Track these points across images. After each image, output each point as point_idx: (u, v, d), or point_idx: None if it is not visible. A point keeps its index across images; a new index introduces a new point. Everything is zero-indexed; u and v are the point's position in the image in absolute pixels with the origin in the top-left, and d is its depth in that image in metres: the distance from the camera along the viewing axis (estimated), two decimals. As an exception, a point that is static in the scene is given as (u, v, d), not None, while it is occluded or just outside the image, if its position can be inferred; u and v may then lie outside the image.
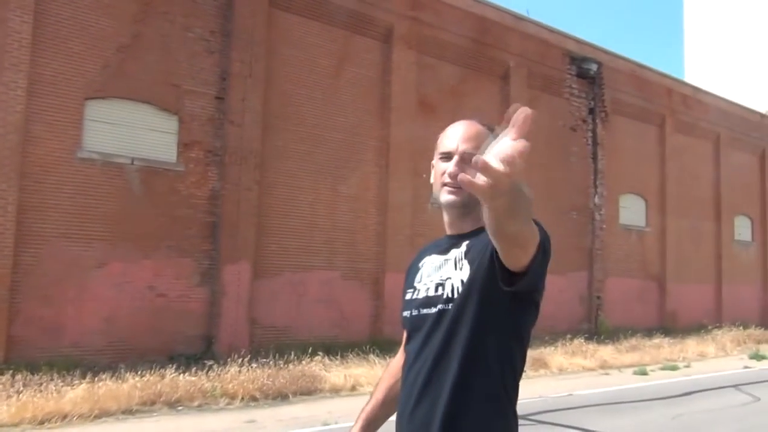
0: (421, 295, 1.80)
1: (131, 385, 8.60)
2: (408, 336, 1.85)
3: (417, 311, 1.80)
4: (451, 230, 1.86)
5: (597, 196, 19.41)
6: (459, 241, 1.79)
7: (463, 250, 1.74)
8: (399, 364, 2.03)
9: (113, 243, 11.23)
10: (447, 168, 1.79)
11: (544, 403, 9.15)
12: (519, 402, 1.73)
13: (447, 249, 1.81)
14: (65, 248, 10.78)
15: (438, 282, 1.77)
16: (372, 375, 10.30)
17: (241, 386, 9.17)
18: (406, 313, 1.85)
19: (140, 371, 9.28)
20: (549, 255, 1.56)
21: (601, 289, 19.28)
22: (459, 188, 1.76)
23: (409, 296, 1.86)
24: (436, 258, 1.84)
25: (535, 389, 10.18)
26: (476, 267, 1.67)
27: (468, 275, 1.69)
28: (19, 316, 10.33)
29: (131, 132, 11.67)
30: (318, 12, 14.13)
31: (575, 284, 18.51)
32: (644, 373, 13.01)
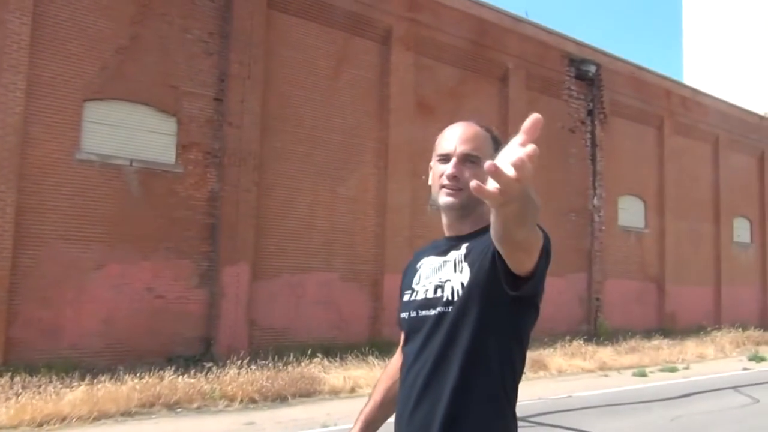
0: (420, 297, 1.79)
1: (130, 387, 8.59)
2: (406, 337, 1.84)
3: (415, 313, 1.79)
4: (450, 232, 1.85)
5: (596, 198, 19.42)
6: (458, 243, 1.78)
7: (463, 253, 1.74)
8: (397, 366, 2.02)
9: (112, 244, 11.23)
10: (445, 170, 1.78)
11: (544, 405, 9.14)
12: (518, 403, 1.73)
13: (446, 251, 1.80)
14: (64, 250, 10.77)
15: (437, 284, 1.76)
16: (371, 376, 10.28)
17: (240, 388, 9.16)
18: (404, 315, 1.84)
19: (139, 373, 9.27)
20: (550, 257, 1.56)
21: (600, 291, 19.28)
22: (457, 190, 1.76)
23: (407, 298, 1.85)
24: (435, 259, 1.83)
25: (535, 391, 10.17)
26: (476, 270, 1.66)
27: (468, 278, 1.68)
28: (18, 318, 10.32)
29: (130, 133, 11.68)
30: (316, 13, 14.14)
31: (574, 286, 18.51)
32: (643, 375, 13.01)
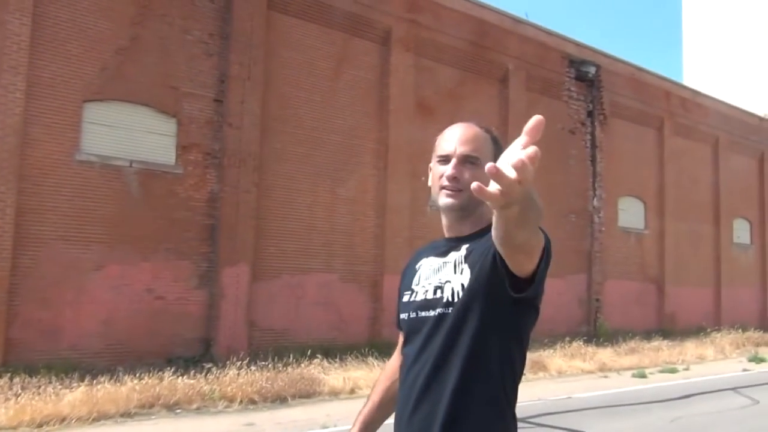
0: (419, 298, 1.79)
1: (129, 388, 8.59)
2: (405, 338, 1.84)
3: (415, 314, 1.78)
4: (450, 233, 1.85)
5: (596, 199, 19.42)
6: (458, 244, 1.78)
7: (463, 254, 1.73)
8: (395, 366, 2.02)
9: (111, 245, 11.22)
10: (445, 171, 1.78)
11: (543, 406, 9.14)
12: (518, 405, 1.73)
13: (446, 252, 1.80)
14: (63, 251, 10.77)
15: (437, 285, 1.75)
16: (371, 377, 10.27)
17: (240, 389, 9.15)
18: (404, 316, 1.84)
19: (138, 374, 9.26)
20: (551, 259, 1.56)
21: (600, 292, 19.28)
22: (457, 191, 1.76)
23: (407, 298, 1.85)
24: (434, 260, 1.82)
25: (534, 392, 10.17)
26: (477, 271, 1.66)
27: (468, 279, 1.68)
28: (17, 319, 10.32)
29: (130, 134, 11.67)
30: (316, 14, 14.14)
31: (574, 287, 18.50)
32: (643, 376, 13.00)
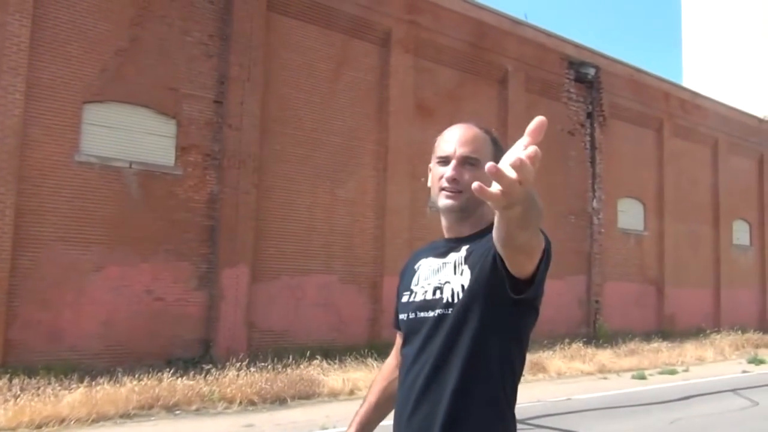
0: (419, 298, 1.79)
1: (129, 389, 8.58)
2: (404, 339, 1.84)
3: (414, 314, 1.78)
4: (450, 234, 1.84)
5: (595, 200, 19.43)
6: (458, 245, 1.78)
7: (463, 255, 1.73)
8: (391, 367, 2.02)
9: (111, 247, 11.22)
10: (445, 172, 1.77)
11: (543, 408, 9.14)
12: (517, 406, 1.73)
13: (445, 252, 1.80)
14: (63, 252, 10.77)
15: (436, 285, 1.75)
16: (370, 379, 10.18)
17: (239, 390, 9.14)
18: (403, 316, 1.84)
19: (138, 375, 9.26)
20: (550, 261, 1.56)
21: (600, 293, 19.28)
22: (457, 192, 1.75)
23: (406, 299, 1.84)
24: (434, 261, 1.82)
25: (534, 393, 10.17)
26: (477, 272, 1.66)
27: (468, 280, 1.68)
28: (17, 320, 10.31)
29: (129, 136, 11.67)
30: (316, 16, 14.15)
31: (574, 288, 18.50)
32: (643, 378, 13.00)
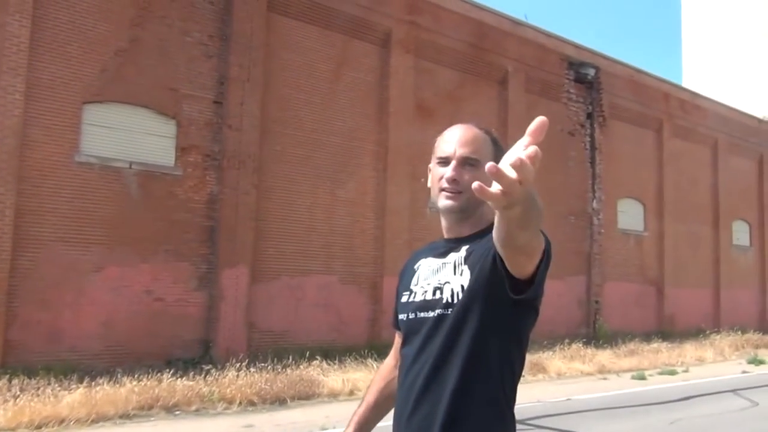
0: (419, 299, 1.78)
1: (129, 390, 8.58)
2: (404, 339, 1.83)
3: (414, 315, 1.78)
4: (449, 234, 1.84)
5: (595, 201, 19.43)
6: (458, 245, 1.77)
7: (463, 255, 1.73)
8: (390, 367, 2.02)
9: (111, 247, 11.22)
10: (445, 173, 1.77)
11: (543, 408, 9.13)
12: (517, 406, 1.73)
13: (445, 252, 1.80)
14: (63, 252, 10.76)
15: (436, 286, 1.75)
16: (370, 379, 10.20)
17: (239, 391, 9.14)
18: (403, 316, 1.83)
19: (138, 375, 9.25)
20: (550, 261, 1.56)
21: (600, 294, 19.28)
22: (457, 193, 1.75)
23: (405, 299, 1.84)
24: (433, 261, 1.82)
25: (534, 394, 10.16)
26: (477, 272, 1.66)
27: (468, 281, 1.68)
28: (17, 321, 10.31)
29: (129, 136, 11.67)
30: (316, 16, 14.15)
31: (574, 289, 18.50)
32: (642, 378, 12.99)
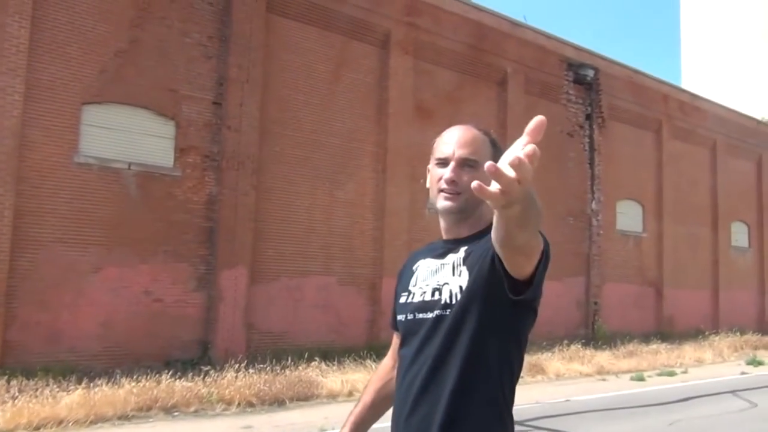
0: (417, 299, 1.78)
1: (127, 391, 8.57)
2: (402, 340, 1.83)
3: (412, 315, 1.78)
4: (448, 235, 1.84)
5: (594, 202, 19.43)
6: (456, 246, 1.77)
7: (462, 256, 1.73)
8: (388, 367, 2.02)
9: (110, 248, 11.21)
10: (443, 174, 1.77)
11: (541, 409, 9.13)
12: (516, 408, 1.73)
13: (444, 253, 1.80)
14: (62, 253, 10.76)
15: (435, 287, 1.75)
16: (368, 380, 10.25)
17: (238, 392, 9.13)
18: (401, 317, 1.83)
19: (136, 376, 9.24)
20: (549, 262, 1.56)
21: (599, 295, 19.28)
22: (456, 194, 1.75)
23: (404, 300, 1.84)
24: (432, 262, 1.82)
25: (532, 395, 10.16)
26: (476, 273, 1.66)
27: (467, 281, 1.68)
28: (16, 321, 10.30)
29: (128, 137, 11.67)
30: (315, 17, 14.15)
31: (572, 290, 18.51)
32: (641, 379, 13.00)
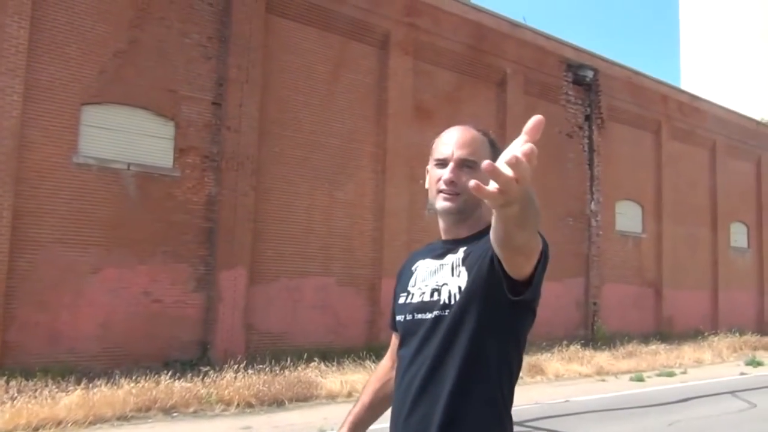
0: (416, 300, 1.79)
1: (126, 391, 8.56)
2: (401, 340, 1.83)
3: (411, 316, 1.78)
4: (447, 236, 1.84)
5: (593, 203, 19.44)
6: (455, 247, 1.77)
7: (461, 256, 1.73)
8: (386, 368, 2.02)
9: (109, 248, 11.21)
10: (442, 174, 1.77)
11: (541, 410, 9.13)
12: (515, 408, 1.73)
13: (443, 254, 1.80)
14: (61, 253, 10.75)
15: (434, 287, 1.75)
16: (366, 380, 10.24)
17: (237, 392, 9.13)
18: (400, 318, 1.83)
19: (135, 377, 9.23)
20: (548, 262, 1.56)
21: (598, 295, 19.28)
22: (455, 195, 1.75)
23: (403, 300, 1.84)
24: (431, 262, 1.82)
25: (532, 395, 10.16)
26: (475, 274, 1.66)
27: (466, 282, 1.68)
28: (15, 322, 10.29)
29: (128, 137, 11.67)
30: (315, 18, 14.15)
31: (572, 290, 18.51)
32: (641, 380, 13.00)
